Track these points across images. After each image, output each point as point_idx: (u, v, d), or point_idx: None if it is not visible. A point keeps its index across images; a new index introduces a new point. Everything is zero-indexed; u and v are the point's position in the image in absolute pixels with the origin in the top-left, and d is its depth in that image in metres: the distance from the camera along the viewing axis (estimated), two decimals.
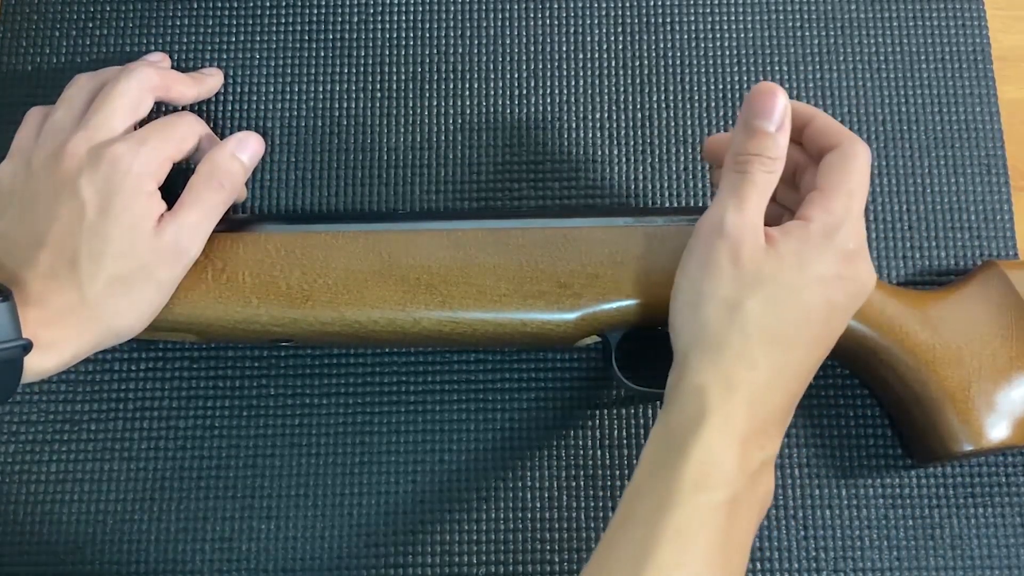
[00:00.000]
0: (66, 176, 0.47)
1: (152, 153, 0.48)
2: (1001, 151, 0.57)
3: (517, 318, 0.48)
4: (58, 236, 0.46)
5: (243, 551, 0.52)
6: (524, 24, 0.59)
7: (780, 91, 0.45)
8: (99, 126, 0.48)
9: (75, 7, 0.59)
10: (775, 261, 0.44)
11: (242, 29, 0.59)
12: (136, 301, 0.47)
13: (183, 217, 0.48)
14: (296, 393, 0.54)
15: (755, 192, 0.45)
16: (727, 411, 0.42)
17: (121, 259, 0.46)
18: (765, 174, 0.45)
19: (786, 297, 0.44)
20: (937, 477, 0.53)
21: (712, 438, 0.42)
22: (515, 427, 0.53)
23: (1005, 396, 0.48)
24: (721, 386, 0.43)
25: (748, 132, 0.45)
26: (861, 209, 0.45)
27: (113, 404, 0.54)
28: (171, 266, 0.47)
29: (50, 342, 0.44)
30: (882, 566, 0.52)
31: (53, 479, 0.53)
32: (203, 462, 0.53)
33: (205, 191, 0.49)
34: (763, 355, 0.43)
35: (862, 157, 0.45)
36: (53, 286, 0.45)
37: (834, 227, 0.44)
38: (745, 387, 0.43)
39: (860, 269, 0.45)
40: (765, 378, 0.43)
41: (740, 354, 0.43)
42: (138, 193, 0.47)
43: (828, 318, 0.45)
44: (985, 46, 0.59)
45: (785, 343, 0.44)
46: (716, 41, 0.59)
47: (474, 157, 0.57)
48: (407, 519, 0.52)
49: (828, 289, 0.44)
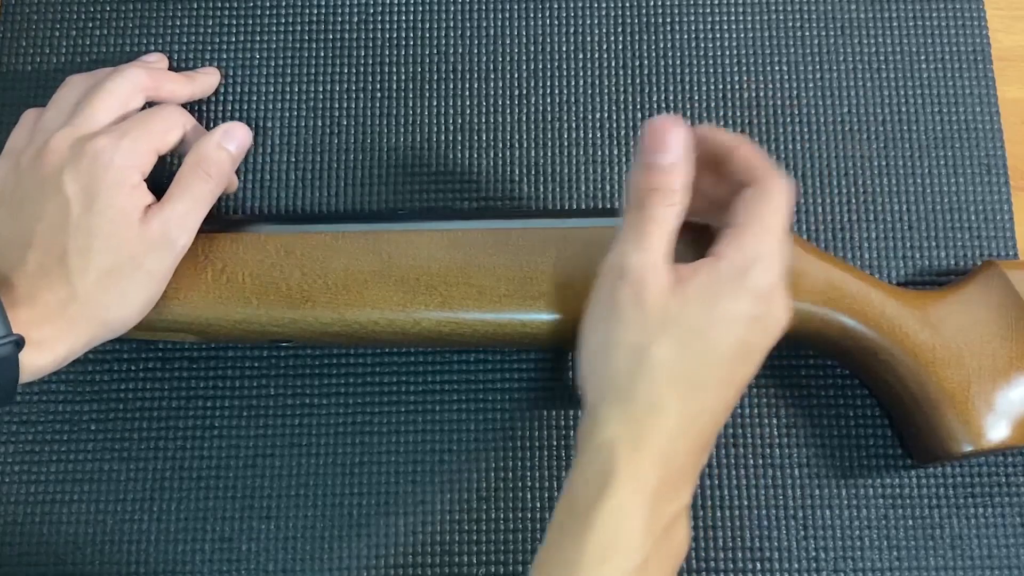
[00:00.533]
0: (50, 173, 0.47)
1: (134, 145, 0.48)
2: (1001, 151, 0.57)
3: (517, 319, 0.48)
4: (45, 234, 0.46)
5: (243, 551, 0.52)
6: (524, 24, 0.59)
7: (676, 125, 0.43)
8: (83, 123, 0.48)
9: (75, 7, 0.59)
10: (681, 302, 0.42)
11: (242, 29, 0.59)
12: (128, 293, 0.47)
13: (170, 207, 0.47)
14: (296, 393, 0.54)
15: (656, 228, 0.43)
16: (635, 468, 0.41)
17: (109, 252, 0.46)
18: (665, 208, 0.43)
19: (694, 339, 0.42)
20: (937, 477, 0.53)
21: (619, 501, 0.40)
22: (515, 427, 0.53)
23: (1005, 396, 0.48)
24: (629, 440, 0.41)
25: (644, 169, 0.44)
26: (776, 247, 0.43)
27: (113, 404, 0.54)
28: (160, 257, 0.47)
29: (43, 340, 0.44)
30: (882, 566, 0.52)
31: (53, 479, 0.53)
32: (203, 462, 0.53)
33: (192, 181, 0.49)
34: (673, 401, 0.42)
35: (779, 194, 0.44)
36: (42, 284, 0.45)
37: (745, 265, 0.43)
38: (655, 438, 0.41)
39: (774, 307, 0.44)
40: (676, 425, 0.42)
41: (649, 402, 0.42)
42: (122, 185, 0.47)
43: (741, 358, 0.43)
44: (985, 46, 0.59)
45: (696, 387, 0.42)
46: (716, 41, 0.59)
47: (474, 157, 0.57)
48: (407, 519, 0.52)
49: (740, 329, 0.42)
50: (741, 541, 0.52)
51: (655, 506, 0.41)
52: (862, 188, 0.57)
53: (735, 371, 0.43)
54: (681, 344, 0.42)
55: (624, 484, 0.40)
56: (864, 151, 0.57)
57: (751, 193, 0.44)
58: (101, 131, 0.48)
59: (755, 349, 0.44)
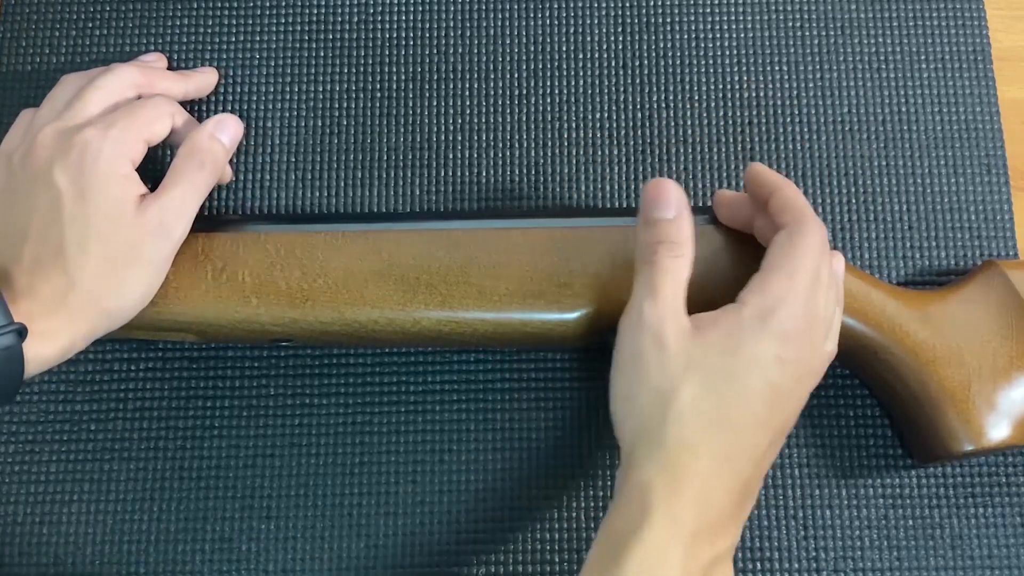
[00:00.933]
0: (39, 167, 0.47)
1: (122, 135, 0.48)
2: (1001, 151, 0.57)
3: (517, 318, 0.48)
4: (39, 227, 0.46)
5: (243, 551, 0.52)
6: (524, 24, 0.59)
7: (671, 183, 0.45)
8: (72, 116, 0.49)
9: (75, 7, 0.59)
10: (703, 346, 0.43)
11: (242, 29, 0.59)
12: (127, 282, 0.47)
13: (166, 196, 0.48)
14: (296, 393, 0.54)
15: (667, 279, 0.44)
16: (671, 509, 0.41)
17: (106, 241, 0.46)
18: (673, 259, 0.44)
19: (719, 382, 0.42)
20: (937, 477, 0.53)
21: (655, 539, 0.40)
22: (515, 427, 0.53)
23: (1005, 395, 0.48)
24: (666, 481, 0.41)
25: (648, 224, 0.45)
26: (802, 291, 0.44)
27: (113, 404, 0.54)
28: (158, 245, 0.47)
29: (45, 331, 0.44)
30: (882, 566, 0.52)
31: (53, 479, 0.53)
32: (203, 462, 0.53)
33: (187, 170, 0.49)
34: (704, 443, 0.42)
35: (809, 238, 0.44)
36: (40, 277, 0.45)
37: (769, 310, 0.43)
38: (691, 479, 0.41)
39: (804, 351, 0.44)
40: (709, 467, 0.42)
41: (681, 445, 0.42)
42: (113, 175, 0.47)
43: (772, 401, 0.43)
44: (985, 46, 0.59)
45: (726, 429, 0.42)
46: (716, 41, 0.59)
47: (474, 157, 0.57)
48: (407, 519, 0.52)
49: (766, 372, 0.43)
50: (741, 541, 0.52)
51: (692, 548, 0.41)
52: (862, 188, 0.57)
53: (768, 414, 0.43)
54: (707, 387, 0.42)
55: (660, 524, 0.41)
56: (864, 151, 0.57)
57: (782, 237, 0.45)
58: (88, 122, 0.48)
59: (786, 393, 0.44)
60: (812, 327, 0.44)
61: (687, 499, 0.41)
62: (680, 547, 0.41)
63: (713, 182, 0.56)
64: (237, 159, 0.57)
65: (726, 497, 0.42)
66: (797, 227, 0.45)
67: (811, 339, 0.44)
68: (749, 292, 0.44)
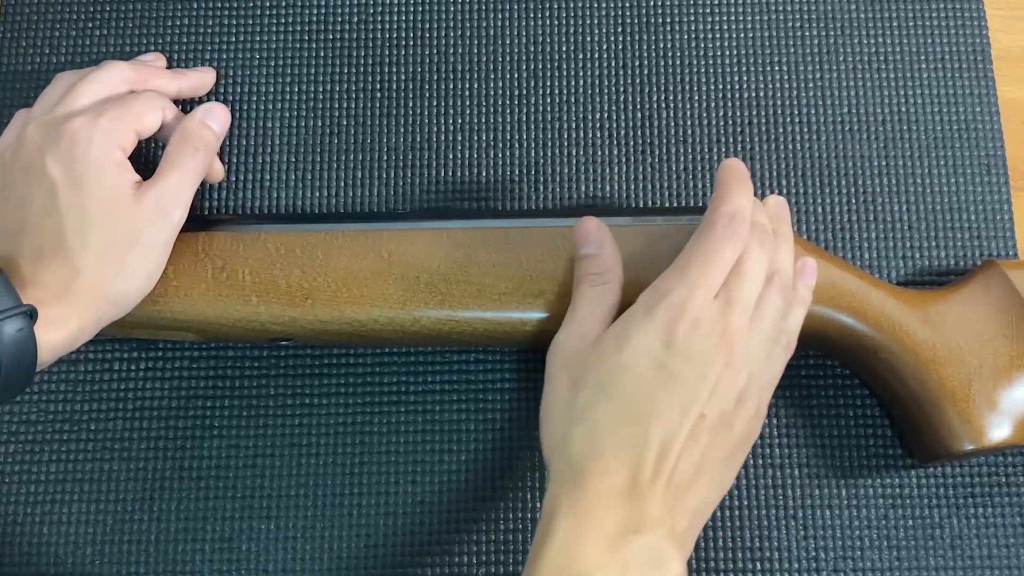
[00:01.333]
0: (31, 159, 0.47)
1: (111, 124, 0.48)
2: (1001, 151, 0.57)
3: (517, 317, 0.48)
4: (36, 219, 0.46)
5: (243, 551, 0.52)
6: (524, 24, 0.59)
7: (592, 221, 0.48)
8: (61, 109, 0.49)
9: (75, 7, 0.59)
10: (598, 351, 0.45)
11: (242, 29, 0.59)
12: (129, 267, 0.47)
13: (163, 181, 0.48)
14: (296, 393, 0.54)
15: (585, 304, 0.47)
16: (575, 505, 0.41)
17: (105, 228, 0.46)
18: (594, 288, 0.47)
19: (614, 379, 0.43)
20: (937, 477, 0.53)
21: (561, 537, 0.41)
22: (515, 427, 0.53)
23: (1006, 395, 0.48)
24: (570, 486, 0.42)
25: (577, 261, 0.48)
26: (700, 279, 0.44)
27: (113, 404, 0.54)
28: (157, 230, 0.47)
29: (54, 318, 0.44)
30: (882, 566, 0.52)
31: (53, 479, 0.53)
32: (203, 462, 0.53)
33: (181, 155, 0.49)
34: (607, 440, 0.42)
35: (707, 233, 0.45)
36: (43, 267, 0.45)
37: (655, 301, 0.44)
38: (595, 478, 0.42)
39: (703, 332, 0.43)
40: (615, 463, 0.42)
41: (583, 448, 0.43)
42: (106, 163, 0.47)
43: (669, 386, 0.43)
44: (985, 46, 0.59)
45: (627, 421, 0.43)
46: (716, 41, 0.59)
47: (474, 157, 0.57)
48: (407, 519, 0.52)
49: (655, 358, 0.43)
50: (741, 541, 0.52)
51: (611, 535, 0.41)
52: (862, 188, 0.57)
53: (669, 400, 0.43)
54: (600, 386, 0.44)
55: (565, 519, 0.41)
56: (864, 151, 0.57)
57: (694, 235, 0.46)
58: (75, 112, 0.48)
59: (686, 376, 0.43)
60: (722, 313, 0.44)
61: (593, 494, 0.41)
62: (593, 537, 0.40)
63: (713, 182, 0.56)
64: (237, 159, 0.57)
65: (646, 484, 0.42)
66: (704, 223, 0.46)
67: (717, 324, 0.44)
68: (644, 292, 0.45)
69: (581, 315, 0.46)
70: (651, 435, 0.42)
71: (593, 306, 0.46)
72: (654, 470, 0.42)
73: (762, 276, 0.46)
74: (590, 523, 0.41)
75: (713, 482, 0.44)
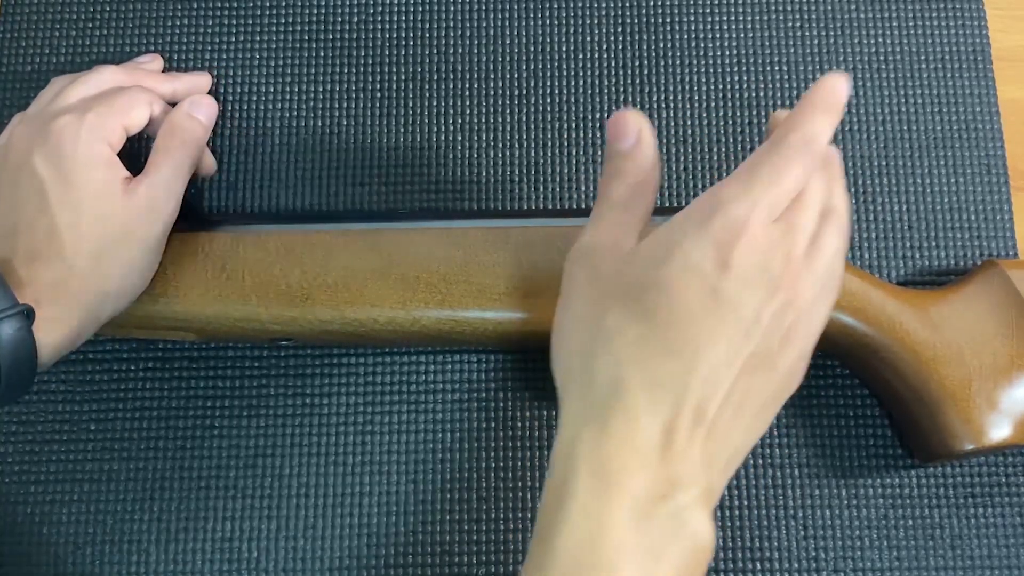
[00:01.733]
0: (20, 159, 0.46)
1: (98, 119, 0.48)
2: (1001, 151, 0.57)
3: (517, 317, 0.48)
4: (28, 218, 0.45)
5: (243, 551, 0.52)
6: (524, 24, 0.59)
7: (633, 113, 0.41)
8: (49, 108, 0.49)
9: (74, 7, 0.59)
10: (635, 261, 0.39)
11: (242, 29, 0.59)
12: (124, 263, 0.47)
13: (154, 174, 0.48)
14: (296, 393, 0.54)
15: (610, 209, 0.41)
16: (599, 461, 0.36)
17: (99, 224, 0.46)
18: (622, 189, 0.41)
19: (650, 296, 0.37)
20: (937, 477, 0.53)
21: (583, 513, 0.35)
22: (515, 427, 0.53)
23: (1006, 395, 0.48)
24: (592, 431, 0.36)
25: (607, 158, 0.42)
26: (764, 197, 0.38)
27: (113, 404, 0.54)
28: (151, 224, 0.47)
29: (53, 317, 0.44)
30: (882, 566, 0.52)
31: (53, 479, 0.53)
32: (203, 462, 0.53)
33: (169, 148, 0.49)
34: (636, 374, 0.37)
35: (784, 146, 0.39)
36: (39, 266, 0.45)
37: (711, 210, 0.38)
38: (621, 424, 0.36)
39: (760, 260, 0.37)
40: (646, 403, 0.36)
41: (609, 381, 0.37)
42: (95, 159, 0.47)
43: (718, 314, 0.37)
44: (985, 46, 0.59)
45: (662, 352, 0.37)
46: (716, 41, 0.59)
47: (474, 157, 0.57)
48: (407, 519, 0.52)
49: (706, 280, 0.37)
50: (741, 541, 0.52)
51: (637, 507, 0.36)
52: (862, 188, 0.57)
53: (716, 330, 0.37)
54: (636, 305, 0.37)
55: (586, 489, 0.36)
56: (864, 151, 0.57)
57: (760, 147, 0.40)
58: (61, 110, 0.48)
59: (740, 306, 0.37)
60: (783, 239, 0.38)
61: (619, 451, 0.36)
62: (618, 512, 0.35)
63: (713, 182, 0.56)
64: (237, 159, 0.57)
65: (683, 439, 0.36)
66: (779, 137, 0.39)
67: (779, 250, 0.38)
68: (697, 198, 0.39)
69: (605, 221, 0.41)
70: (695, 372, 0.36)
71: (621, 211, 0.41)
72: (694, 417, 0.37)
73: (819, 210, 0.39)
74: (615, 486, 0.36)
75: (747, 430, 0.39)
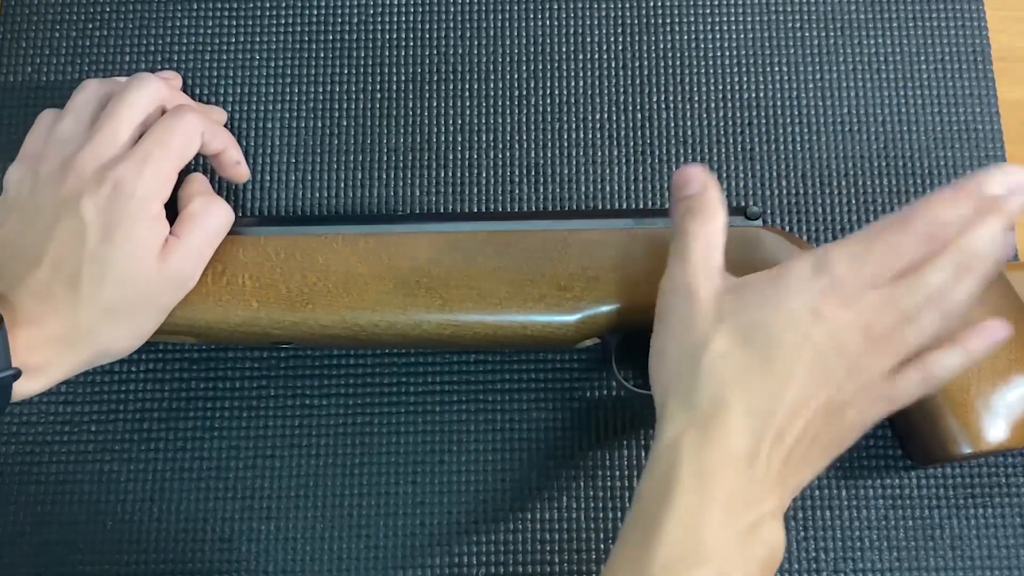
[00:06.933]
0: (69, 194, 0.45)
1: (156, 173, 0.47)
2: (1001, 151, 0.57)
3: (517, 321, 0.48)
4: (56, 256, 0.45)
5: (243, 552, 0.52)
6: (524, 24, 0.59)
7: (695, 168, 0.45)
8: (105, 140, 0.47)
9: (75, 9, 0.59)
10: (737, 299, 0.42)
11: (242, 30, 0.59)
12: (134, 327, 0.47)
13: (188, 242, 0.47)
14: (296, 394, 0.54)
15: (694, 242, 0.44)
16: (700, 467, 0.40)
17: (123, 287, 0.45)
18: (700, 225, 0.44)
19: (755, 333, 0.41)
20: (937, 478, 0.53)
21: (687, 504, 0.39)
22: (515, 427, 0.53)
23: (1004, 398, 0.48)
24: (695, 438, 0.40)
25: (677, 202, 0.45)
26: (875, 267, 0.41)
27: (113, 405, 0.54)
28: (174, 293, 0.47)
29: (39, 365, 0.44)
30: (882, 566, 0.52)
31: (53, 480, 0.53)
32: (203, 463, 0.53)
33: (208, 215, 0.48)
34: (738, 396, 0.40)
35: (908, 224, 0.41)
36: (47, 308, 0.44)
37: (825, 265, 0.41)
38: (721, 437, 0.40)
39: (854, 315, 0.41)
40: (745, 423, 0.40)
41: (711, 399, 0.41)
42: (142, 219, 0.46)
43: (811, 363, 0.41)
44: (985, 46, 0.59)
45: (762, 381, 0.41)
46: (716, 41, 0.59)
47: (474, 158, 0.57)
48: (407, 520, 0.52)
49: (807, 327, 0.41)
50: None
51: (728, 511, 0.39)
52: (862, 188, 0.57)
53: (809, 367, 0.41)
54: (739, 338, 0.41)
55: (689, 486, 0.39)
56: (864, 151, 0.57)
57: None
58: (122, 156, 0.47)
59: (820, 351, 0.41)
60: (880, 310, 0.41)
61: (717, 457, 0.40)
62: (715, 510, 0.39)
63: None
64: None
65: (765, 457, 0.40)
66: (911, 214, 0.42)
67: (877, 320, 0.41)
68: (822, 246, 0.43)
69: (694, 254, 0.44)
70: (782, 402, 0.40)
71: (704, 244, 0.44)
72: (775, 439, 0.40)
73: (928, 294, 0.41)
74: (714, 489, 0.39)
75: (812, 464, 0.42)
